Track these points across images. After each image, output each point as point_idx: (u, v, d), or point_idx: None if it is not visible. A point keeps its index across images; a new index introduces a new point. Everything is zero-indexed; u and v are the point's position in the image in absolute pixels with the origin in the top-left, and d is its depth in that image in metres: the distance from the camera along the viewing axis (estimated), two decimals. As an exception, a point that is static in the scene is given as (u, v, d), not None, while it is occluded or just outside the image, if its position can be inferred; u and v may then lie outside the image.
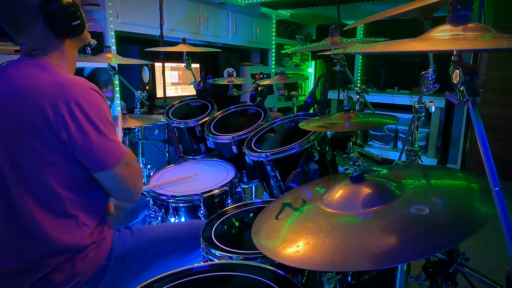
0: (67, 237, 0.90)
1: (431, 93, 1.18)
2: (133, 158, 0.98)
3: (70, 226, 0.91)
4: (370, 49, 0.63)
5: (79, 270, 0.92)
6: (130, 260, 1.02)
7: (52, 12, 0.88)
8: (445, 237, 0.59)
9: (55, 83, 0.86)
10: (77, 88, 0.86)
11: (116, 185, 0.94)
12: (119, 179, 0.93)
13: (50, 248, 0.89)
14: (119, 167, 0.91)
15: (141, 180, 1.02)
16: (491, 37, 0.56)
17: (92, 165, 0.89)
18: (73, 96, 0.84)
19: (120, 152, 0.91)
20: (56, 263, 0.89)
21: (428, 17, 1.06)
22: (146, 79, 2.83)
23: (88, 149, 0.86)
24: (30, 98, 0.84)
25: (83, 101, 0.85)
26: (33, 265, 0.88)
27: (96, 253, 0.96)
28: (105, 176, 0.91)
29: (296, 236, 0.69)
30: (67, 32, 0.93)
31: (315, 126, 1.19)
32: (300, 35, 4.84)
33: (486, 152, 0.60)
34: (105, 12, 2.33)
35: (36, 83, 0.86)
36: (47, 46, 0.92)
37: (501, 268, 0.65)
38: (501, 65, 3.42)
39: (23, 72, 0.88)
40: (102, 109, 0.89)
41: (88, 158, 0.88)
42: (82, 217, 0.93)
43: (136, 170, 0.99)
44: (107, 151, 0.89)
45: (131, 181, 0.96)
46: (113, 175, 0.91)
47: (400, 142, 4.08)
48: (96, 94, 0.89)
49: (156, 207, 1.35)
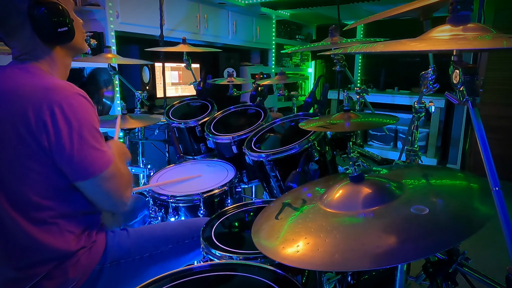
0: (53, 242, 0.88)
1: (431, 93, 1.18)
2: (122, 170, 0.93)
3: (53, 232, 0.88)
4: (370, 49, 0.63)
5: (71, 277, 0.90)
6: (126, 263, 1.00)
7: (39, 17, 0.86)
8: (445, 237, 0.59)
9: (39, 86, 0.83)
10: (62, 93, 0.83)
11: (98, 196, 0.89)
12: (101, 190, 0.88)
13: (37, 256, 0.87)
14: (101, 177, 0.86)
15: (129, 191, 0.96)
16: (491, 37, 0.56)
17: (71, 174, 0.85)
18: (57, 101, 0.81)
19: (103, 162, 0.86)
20: (45, 270, 0.88)
21: (428, 17, 1.06)
22: (146, 79, 2.83)
23: (68, 157, 0.82)
24: (12, 102, 0.82)
25: (67, 106, 0.81)
26: (22, 274, 0.87)
27: (88, 258, 0.93)
28: (85, 185, 0.86)
29: (296, 236, 0.69)
30: (53, 39, 0.90)
31: (315, 126, 1.19)
32: (300, 35, 4.84)
33: (486, 152, 0.60)
34: (105, 12, 2.33)
35: (20, 86, 0.84)
36: (35, 51, 0.91)
37: (501, 268, 0.65)
38: (501, 65, 3.42)
39: (8, 76, 0.87)
40: (88, 116, 0.85)
41: (68, 166, 0.83)
42: (65, 225, 0.89)
43: (123, 181, 0.93)
44: (89, 160, 0.84)
45: (115, 192, 0.90)
46: (95, 186, 0.86)
47: (400, 142, 4.08)
48: (82, 99, 0.85)
49: (156, 207, 1.35)
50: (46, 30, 0.88)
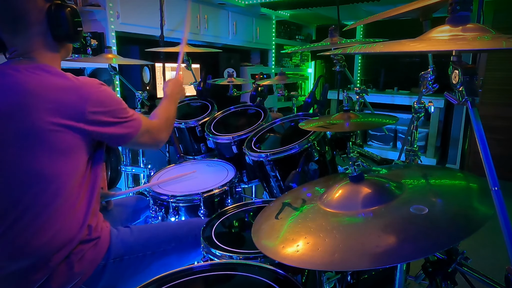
0: (63, 224, 0.90)
1: (430, 93, 1.19)
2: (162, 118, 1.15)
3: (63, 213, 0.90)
4: (369, 50, 0.63)
5: (77, 271, 0.92)
6: (129, 260, 1.02)
7: (59, 15, 0.92)
8: (444, 237, 0.59)
9: (68, 86, 0.90)
10: (90, 87, 0.93)
11: (139, 146, 1.15)
12: (139, 144, 1.06)
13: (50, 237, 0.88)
14: (136, 138, 1.02)
15: (164, 134, 1.15)
16: (490, 38, 0.57)
17: (114, 143, 1.02)
18: (89, 95, 0.91)
19: (134, 129, 1.01)
20: (54, 263, 0.88)
21: (427, 18, 1.06)
22: (147, 79, 2.83)
23: (110, 135, 0.97)
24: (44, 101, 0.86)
25: (97, 98, 0.92)
26: (36, 262, 0.87)
27: (94, 253, 0.95)
28: (127, 145, 1.07)
29: (296, 235, 0.69)
30: (70, 37, 0.97)
31: (315, 126, 1.19)
32: (300, 35, 4.84)
33: (485, 152, 0.60)
34: (105, 12, 2.33)
35: (49, 86, 0.88)
36: (44, 48, 0.94)
37: (500, 268, 0.66)
38: (500, 65, 3.42)
39: (31, 76, 0.88)
40: (115, 99, 0.98)
41: (110, 140, 0.99)
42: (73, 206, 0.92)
43: (156, 127, 1.11)
44: (123, 133, 0.99)
45: (151, 140, 1.09)
46: (133, 144, 1.04)
47: (400, 142, 4.08)
48: (105, 87, 0.97)
49: (156, 206, 1.35)
50: (64, 29, 0.94)
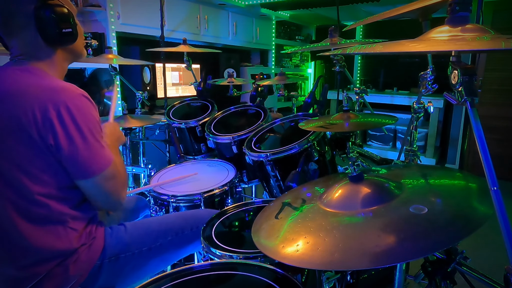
0: (54, 243, 0.88)
1: (429, 93, 1.19)
2: (119, 167, 0.95)
3: (56, 232, 0.89)
4: (369, 50, 0.64)
5: (72, 274, 0.91)
6: (125, 258, 1.00)
7: (44, 17, 0.87)
8: (444, 236, 0.59)
9: (45, 87, 0.85)
10: (68, 94, 0.85)
11: (97, 194, 0.92)
12: (101, 188, 0.91)
13: (37, 256, 0.87)
14: (102, 177, 0.89)
15: (125, 191, 1.00)
16: (489, 38, 0.57)
17: (75, 172, 0.88)
18: (63, 101, 0.83)
19: (105, 162, 0.89)
20: (46, 269, 0.88)
21: (426, 18, 1.06)
22: (147, 80, 2.83)
23: (73, 156, 0.85)
24: (18, 102, 0.83)
25: (73, 106, 0.84)
26: (24, 273, 0.87)
27: (88, 254, 0.94)
28: (87, 184, 0.89)
29: (296, 235, 0.69)
30: (57, 40, 0.91)
31: (315, 126, 1.20)
32: (299, 36, 4.84)
33: (484, 152, 0.61)
34: (106, 13, 2.33)
35: (25, 87, 0.85)
36: (37, 52, 0.91)
37: (499, 267, 0.66)
38: (499, 65, 3.43)
39: (10, 77, 0.87)
40: (91, 117, 0.88)
41: (72, 164, 0.86)
42: (69, 223, 0.91)
43: (121, 181, 0.96)
44: (92, 159, 0.87)
45: (114, 191, 0.94)
46: (95, 184, 0.89)
47: (399, 142, 4.08)
48: (86, 101, 0.88)
49: (157, 206, 1.35)
50: (50, 31, 0.89)
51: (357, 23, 1.28)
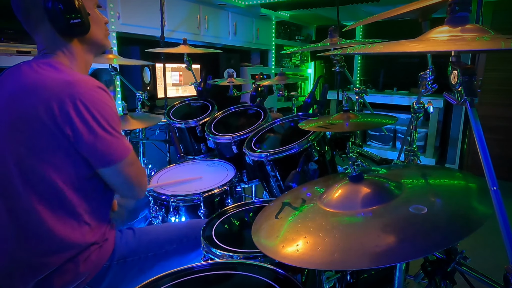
0: (69, 234, 0.90)
1: (429, 93, 1.19)
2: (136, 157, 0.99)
3: (72, 223, 0.91)
4: (369, 50, 0.64)
5: (82, 271, 0.93)
6: (132, 261, 1.03)
7: (53, 9, 0.88)
8: (443, 236, 0.59)
9: (62, 80, 0.86)
10: (84, 86, 0.86)
11: (121, 181, 0.95)
12: (124, 175, 0.93)
13: (53, 245, 0.89)
14: (124, 164, 0.92)
15: (145, 179, 1.03)
16: (489, 38, 0.57)
17: (95, 161, 0.89)
18: (80, 93, 0.85)
19: (125, 150, 0.92)
20: (59, 262, 0.90)
21: (426, 19, 1.07)
22: (147, 80, 2.84)
23: (93, 145, 0.87)
24: (37, 95, 0.85)
25: (90, 97, 0.86)
26: (36, 261, 0.88)
27: (99, 254, 0.96)
28: (109, 172, 0.91)
29: (296, 235, 0.69)
30: (67, 31, 0.92)
31: (315, 126, 1.20)
32: (299, 36, 4.84)
33: (484, 152, 0.61)
34: (106, 13, 2.34)
35: (44, 80, 0.87)
36: (56, 45, 0.94)
37: (499, 267, 0.66)
38: (499, 66, 3.43)
39: (34, 71, 0.90)
40: (108, 107, 0.89)
41: (92, 154, 0.88)
42: (85, 216, 0.93)
43: (141, 169, 1.00)
44: (112, 147, 0.89)
45: (136, 178, 0.96)
46: (118, 172, 0.92)
47: (399, 142, 4.08)
48: (102, 92, 0.90)
49: (157, 206, 1.36)
50: (60, 22, 0.90)
51: (357, 23, 1.28)
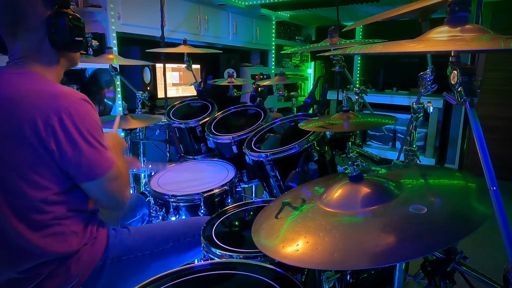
0: (56, 247, 0.89)
1: (429, 93, 1.19)
2: (122, 169, 0.96)
3: (56, 236, 0.89)
4: (369, 50, 0.64)
5: (74, 273, 0.91)
6: (127, 260, 1.01)
7: (59, 24, 0.88)
8: (443, 236, 0.59)
9: (45, 93, 0.85)
10: (69, 99, 0.85)
11: (102, 195, 0.93)
12: (106, 189, 0.92)
13: (38, 260, 0.88)
14: (106, 178, 0.90)
15: (128, 191, 1.01)
16: (488, 38, 0.57)
17: (78, 176, 0.88)
18: (65, 107, 0.83)
19: (108, 164, 0.90)
20: (48, 271, 0.89)
21: (426, 19, 1.07)
22: (147, 80, 2.84)
23: (76, 160, 0.85)
24: (18, 108, 0.83)
25: (74, 112, 0.84)
26: (25, 274, 0.87)
27: (90, 254, 0.95)
28: (91, 186, 0.90)
29: (296, 235, 0.69)
30: (67, 46, 0.92)
31: (315, 126, 1.20)
32: (299, 36, 4.85)
33: (484, 152, 0.61)
34: (106, 13, 2.34)
35: (25, 92, 0.84)
36: (39, 56, 0.91)
37: (498, 267, 0.66)
38: (498, 66, 3.43)
39: (8, 82, 0.87)
40: (93, 121, 0.88)
41: (76, 169, 0.87)
42: (68, 225, 0.91)
43: (124, 181, 0.97)
44: (96, 162, 0.88)
45: (118, 191, 0.95)
46: (100, 186, 0.90)
47: (399, 142, 4.08)
48: (87, 105, 0.88)
49: (157, 206, 1.36)
50: (62, 37, 0.90)
51: (357, 24, 1.28)
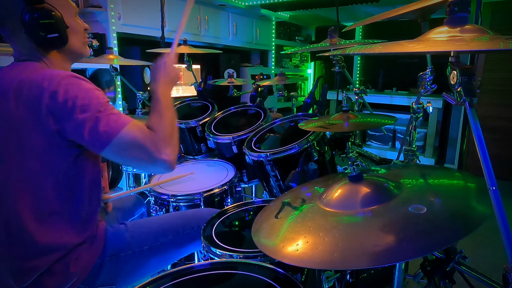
0: (53, 237, 0.89)
1: (428, 93, 1.20)
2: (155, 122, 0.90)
3: (54, 225, 0.89)
4: (368, 50, 0.64)
5: (73, 271, 0.91)
6: (126, 256, 1.01)
7: (30, 23, 0.86)
8: (443, 236, 0.59)
9: (38, 77, 0.84)
10: (57, 77, 0.84)
11: (127, 160, 0.87)
12: (125, 154, 0.85)
13: (36, 250, 0.88)
14: (118, 143, 0.83)
15: (167, 145, 0.89)
16: (488, 39, 0.57)
17: (90, 147, 0.85)
18: (54, 85, 0.82)
19: (118, 124, 0.83)
20: (45, 265, 0.88)
21: (425, 19, 1.07)
22: (148, 80, 2.84)
23: (79, 133, 0.82)
24: (17, 94, 0.84)
25: (64, 87, 0.82)
26: (21, 267, 0.87)
27: (89, 252, 0.95)
28: (107, 155, 0.84)
29: (296, 234, 0.69)
30: (45, 44, 0.90)
31: (314, 127, 1.20)
32: (299, 36, 4.85)
33: (483, 152, 0.61)
34: (107, 14, 2.34)
35: (24, 79, 0.85)
36: (34, 54, 0.91)
37: (497, 267, 0.66)
38: (497, 66, 3.44)
39: (10, 74, 0.88)
40: (84, 91, 0.84)
41: (82, 141, 0.84)
42: (67, 217, 0.91)
43: (152, 138, 0.87)
44: (102, 127, 0.82)
45: (142, 153, 0.85)
46: (115, 152, 0.84)
47: (398, 142, 4.09)
48: (75, 79, 0.86)
49: (157, 206, 1.36)
50: (37, 36, 0.87)
51: (356, 24, 1.28)
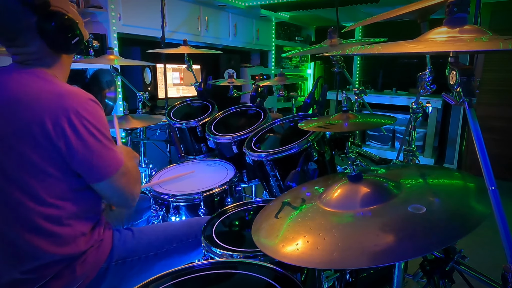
0: (63, 249, 0.89)
1: (428, 94, 1.20)
2: (130, 166, 0.97)
3: (65, 237, 0.90)
4: (368, 51, 0.64)
5: (79, 274, 0.92)
6: (131, 261, 1.02)
7: (50, 31, 0.86)
8: (442, 236, 0.59)
9: (54, 93, 0.84)
10: (77, 99, 0.85)
11: (114, 193, 0.94)
12: (117, 188, 0.93)
13: (45, 260, 0.88)
14: (117, 176, 0.91)
15: (138, 187, 1.01)
16: (487, 39, 0.57)
17: (89, 176, 0.89)
18: (73, 107, 0.83)
19: (118, 162, 0.91)
20: (53, 272, 0.89)
21: (425, 19, 1.07)
22: (148, 80, 2.84)
23: (88, 160, 0.86)
24: (28, 108, 0.82)
25: (83, 111, 0.84)
26: (30, 275, 0.87)
27: (96, 256, 0.95)
28: (103, 186, 0.91)
29: (296, 234, 0.69)
30: (66, 49, 0.92)
31: (314, 127, 1.20)
32: (299, 37, 4.85)
33: (482, 152, 0.61)
34: (107, 14, 2.34)
35: (34, 92, 0.84)
36: (44, 58, 0.91)
37: (497, 266, 0.66)
38: (497, 66, 3.44)
39: (17, 81, 0.86)
40: (101, 120, 0.89)
41: (88, 169, 0.87)
42: (77, 225, 0.92)
43: (133, 178, 0.98)
44: (106, 161, 0.89)
45: (128, 189, 0.96)
46: (111, 185, 0.91)
47: (398, 142, 4.09)
48: (94, 104, 0.89)
49: (157, 206, 1.36)
50: (58, 42, 0.89)
51: (356, 24, 1.28)
